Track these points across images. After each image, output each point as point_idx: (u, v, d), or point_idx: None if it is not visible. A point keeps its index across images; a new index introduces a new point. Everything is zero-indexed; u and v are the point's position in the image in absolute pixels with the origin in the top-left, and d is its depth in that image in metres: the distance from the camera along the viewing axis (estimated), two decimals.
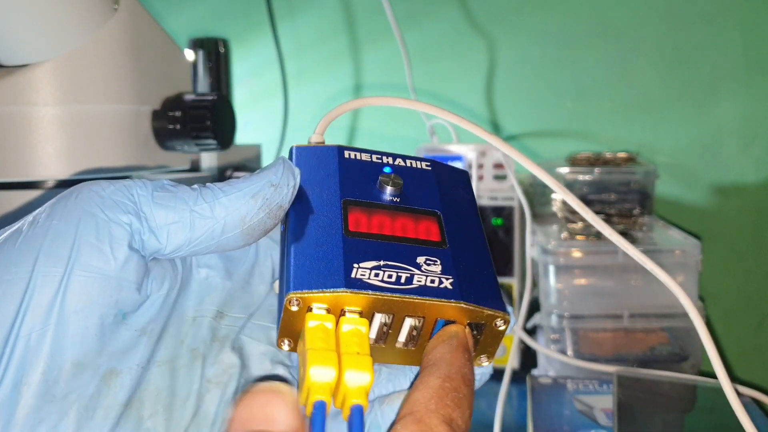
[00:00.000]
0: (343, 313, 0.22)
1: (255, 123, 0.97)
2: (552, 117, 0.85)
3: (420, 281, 0.22)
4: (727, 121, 0.78)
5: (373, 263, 0.23)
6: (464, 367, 0.21)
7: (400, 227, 0.24)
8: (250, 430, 0.18)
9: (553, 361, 0.59)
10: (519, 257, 0.65)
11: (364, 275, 0.22)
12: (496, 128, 0.88)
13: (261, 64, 0.96)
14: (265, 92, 0.96)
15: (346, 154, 0.27)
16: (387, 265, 0.23)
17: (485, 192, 0.67)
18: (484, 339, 0.23)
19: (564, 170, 0.70)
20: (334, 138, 0.95)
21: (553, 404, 0.51)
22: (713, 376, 0.54)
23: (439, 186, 0.27)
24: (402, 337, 0.23)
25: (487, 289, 0.23)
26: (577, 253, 0.59)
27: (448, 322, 0.23)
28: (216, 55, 0.76)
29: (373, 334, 0.23)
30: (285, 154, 0.92)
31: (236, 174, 0.65)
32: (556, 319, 0.59)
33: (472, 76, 0.87)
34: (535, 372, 0.62)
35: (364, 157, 0.27)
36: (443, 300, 0.22)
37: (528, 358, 0.65)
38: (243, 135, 0.70)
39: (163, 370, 0.23)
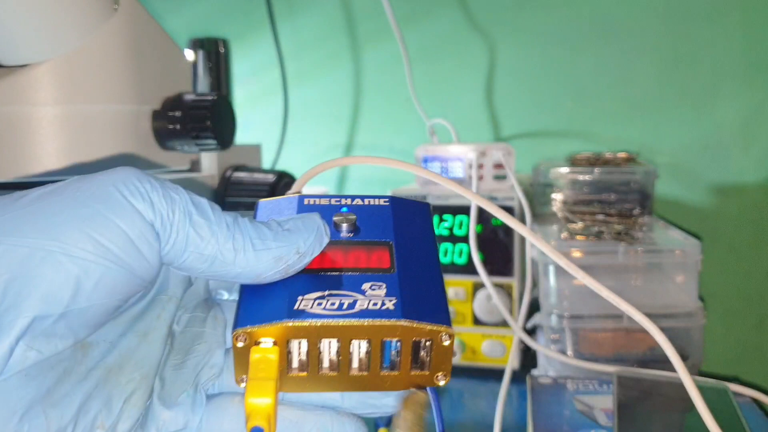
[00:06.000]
0: (290, 344, 0.23)
1: (255, 123, 0.97)
2: (552, 117, 0.85)
3: (362, 305, 0.23)
4: (727, 121, 0.78)
5: (318, 294, 0.24)
6: None
7: (352, 260, 0.26)
8: None
9: (553, 361, 0.59)
10: (519, 257, 0.65)
11: (307, 305, 0.23)
12: (496, 128, 0.88)
13: (261, 64, 0.96)
14: (265, 92, 0.96)
15: (306, 201, 0.29)
16: (331, 294, 0.24)
17: (485, 192, 0.67)
18: (435, 357, 0.24)
19: (564, 170, 0.70)
20: (335, 137, 0.95)
21: (553, 404, 0.51)
22: (713, 376, 0.54)
23: (395, 219, 0.29)
24: (355, 362, 0.24)
25: (432, 306, 0.24)
26: (577, 253, 0.59)
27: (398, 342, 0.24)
28: (216, 55, 0.76)
29: (326, 363, 0.24)
30: (284, 154, 0.91)
31: (247, 177, 0.65)
32: (556, 319, 0.59)
33: (472, 76, 0.87)
34: (535, 372, 0.62)
35: (323, 201, 0.29)
36: (384, 320, 0.23)
37: (528, 358, 0.65)
38: (243, 135, 0.70)
39: (141, 341, 0.25)
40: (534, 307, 0.63)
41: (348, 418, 0.26)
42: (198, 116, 0.52)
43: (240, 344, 0.23)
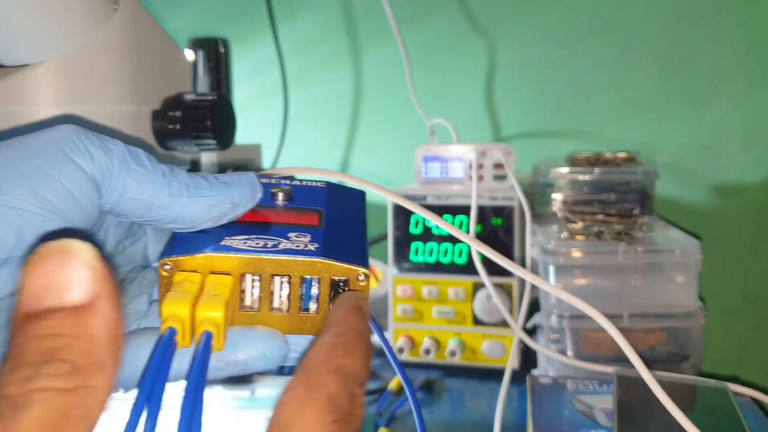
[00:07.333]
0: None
1: (255, 123, 0.97)
2: (552, 117, 0.85)
3: (286, 246, 0.25)
4: (727, 121, 0.78)
5: (245, 236, 0.25)
6: (356, 323, 0.23)
7: (283, 218, 0.27)
8: (46, 306, 0.16)
9: (553, 361, 0.59)
10: (519, 257, 0.65)
11: (233, 243, 0.25)
12: (496, 128, 0.88)
13: (261, 64, 0.96)
14: (265, 92, 0.96)
15: None
16: (258, 237, 0.25)
17: (485, 192, 0.67)
18: None
19: (564, 170, 0.70)
20: (336, 136, 0.95)
21: (553, 404, 0.51)
22: (713, 376, 0.54)
23: (329, 196, 0.30)
24: (276, 302, 0.25)
25: (351, 252, 0.26)
26: (577, 253, 0.59)
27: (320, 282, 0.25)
28: (216, 55, 0.76)
29: (247, 301, 0.25)
30: (284, 153, 0.91)
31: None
32: (556, 319, 0.59)
33: (472, 76, 0.87)
34: (535, 372, 0.62)
35: (263, 181, 0.30)
36: (304, 257, 0.24)
37: (528, 358, 0.65)
38: (243, 135, 0.70)
39: None
40: (534, 307, 0.63)
41: (274, 338, 0.26)
42: (198, 116, 0.52)
43: (164, 273, 0.24)
